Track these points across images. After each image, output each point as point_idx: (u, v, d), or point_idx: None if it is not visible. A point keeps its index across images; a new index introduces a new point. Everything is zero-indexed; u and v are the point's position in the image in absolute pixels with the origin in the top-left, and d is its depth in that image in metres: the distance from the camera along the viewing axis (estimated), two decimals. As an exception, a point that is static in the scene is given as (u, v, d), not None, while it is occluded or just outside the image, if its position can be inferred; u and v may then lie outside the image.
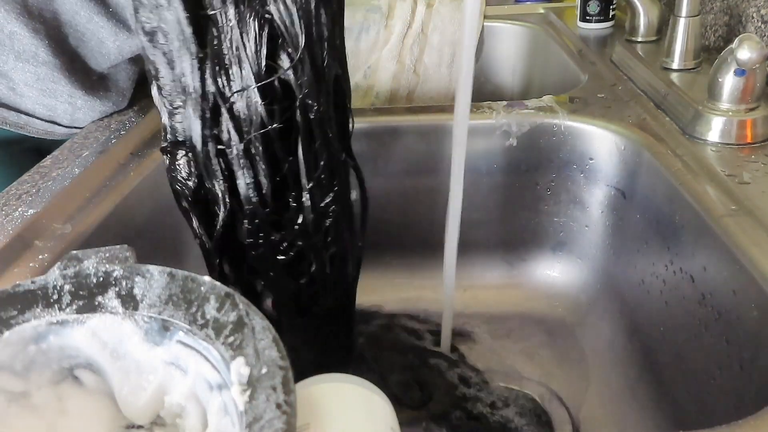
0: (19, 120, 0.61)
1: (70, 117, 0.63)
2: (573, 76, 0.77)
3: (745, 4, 0.63)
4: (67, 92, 0.61)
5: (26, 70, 0.59)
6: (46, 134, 0.63)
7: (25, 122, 0.62)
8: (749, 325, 0.41)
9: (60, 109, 0.62)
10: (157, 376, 0.32)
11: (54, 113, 0.62)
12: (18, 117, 0.61)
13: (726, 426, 0.31)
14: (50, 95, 0.61)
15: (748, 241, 0.42)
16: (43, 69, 0.59)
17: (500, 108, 0.64)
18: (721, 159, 0.52)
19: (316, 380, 0.33)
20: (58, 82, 0.60)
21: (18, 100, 0.61)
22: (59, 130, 0.64)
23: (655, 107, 0.62)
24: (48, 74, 0.60)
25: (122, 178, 0.56)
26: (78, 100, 0.63)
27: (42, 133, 0.63)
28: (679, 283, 0.50)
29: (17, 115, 0.61)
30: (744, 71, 0.52)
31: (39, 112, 0.62)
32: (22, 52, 0.58)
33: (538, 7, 1.00)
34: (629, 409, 0.55)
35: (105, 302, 0.32)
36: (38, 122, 0.62)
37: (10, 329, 0.31)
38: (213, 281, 0.32)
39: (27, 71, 0.59)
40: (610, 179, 0.61)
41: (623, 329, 0.60)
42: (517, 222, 0.68)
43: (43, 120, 0.62)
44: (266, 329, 0.29)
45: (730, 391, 0.43)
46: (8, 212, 0.50)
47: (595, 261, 0.65)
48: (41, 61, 0.59)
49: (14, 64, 0.58)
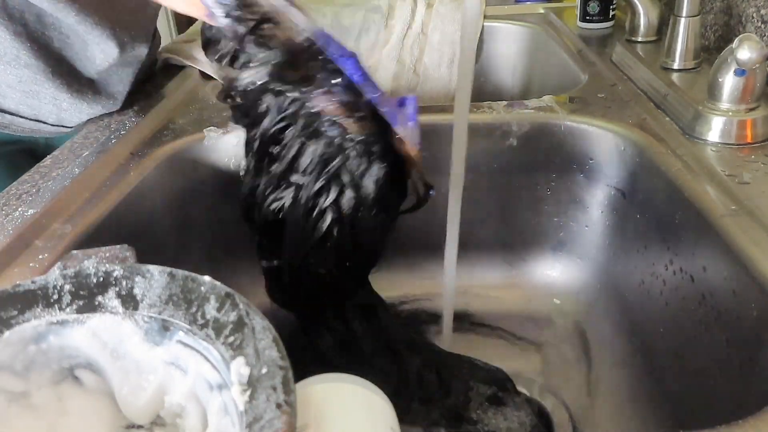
0: (3, 119, 0.61)
1: (55, 117, 0.63)
2: (573, 76, 0.77)
3: (745, 4, 0.63)
4: (51, 94, 0.61)
5: (8, 72, 0.59)
6: (32, 132, 0.63)
7: (9, 121, 0.61)
8: (749, 325, 0.41)
9: (45, 109, 0.62)
10: (157, 376, 0.32)
11: (39, 113, 0.62)
12: (2, 117, 0.61)
13: (726, 426, 0.31)
14: (33, 96, 0.61)
15: (748, 241, 0.42)
16: (25, 71, 0.59)
17: (500, 108, 0.64)
18: (721, 159, 0.52)
19: (316, 380, 0.33)
20: (41, 84, 0.60)
21: (1, 100, 0.60)
22: (45, 128, 0.63)
23: (655, 107, 0.62)
24: (30, 77, 0.59)
25: (122, 178, 0.56)
26: (63, 103, 0.62)
27: (28, 131, 0.63)
28: (679, 283, 0.50)
29: (1, 115, 0.61)
30: (744, 71, 0.52)
31: (23, 111, 0.61)
32: (3, 55, 0.58)
33: (538, 7, 1.00)
34: (629, 409, 0.55)
35: (105, 302, 0.32)
36: (23, 121, 0.62)
37: (10, 329, 0.31)
38: (213, 281, 0.32)
39: (9, 73, 0.59)
40: (610, 179, 0.61)
41: (623, 329, 0.60)
42: (517, 222, 0.68)
43: (28, 119, 0.62)
44: (266, 329, 0.29)
45: (730, 391, 0.43)
46: (8, 212, 0.50)
47: (595, 261, 0.65)
48: (23, 63, 0.59)
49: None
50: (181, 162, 0.62)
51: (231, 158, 0.63)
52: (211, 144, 0.63)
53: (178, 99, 0.71)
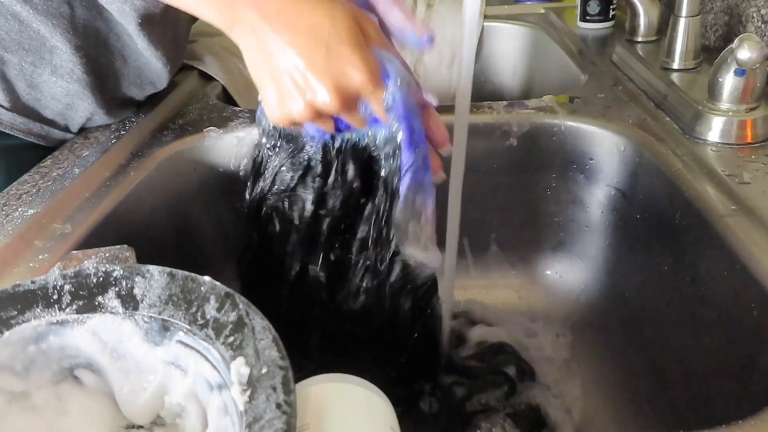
0: (42, 131, 0.61)
1: (80, 127, 0.64)
2: (573, 76, 0.77)
3: (745, 4, 0.63)
4: (89, 109, 0.62)
5: (59, 84, 0.59)
6: (58, 143, 0.63)
7: (47, 133, 0.62)
8: (749, 325, 0.41)
9: (76, 121, 0.63)
10: (157, 376, 0.32)
11: (70, 124, 0.63)
12: (41, 128, 0.61)
13: (726, 426, 0.31)
14: (72, 109, 0.61)
15: (748, 241, 0.42)
16: (75, 86, 0.59)
17: (500, 108, 0.64)
18: (721, 159, 0.52)
19: (316, 380, 0.33)
20: (85, 99, 0.60)
21: (41, 111, 0.61)
22: (69, 136, 0.64)
23: (655, 107, 0.62)
24: (78, 91, 0.60)
25: (122, 178, 0.56)
26: (96, 117, 0.63)
27: (57, 142, 0.63)
28: (679, 283, 0.50)
29: (41, 126, 0.61)
30: (744, 71, 0.52)
31: (58, 122, 0.62)
32: (59, 67, 0.58)
33: (538, 7, 1.00)
34: (629, 409, 0.55)
35: (105, 302, 0.32)
36: (57, 132, 0.63)
37: (10, 329, 0.31)
38: (213, 281, 0.32)
39: (59, 86, 0.59)
40: (610, 179, 0.61)
41: (623, 329, 0.60)
42: (517, 222, 0.68)
43: (60, 129, 0.63)
44: (266, 329, 0.29)
45: (730, 391, 0.43)
46: (8, 212, 0.50)
47: (595, 261, 0.65)
48: (75, 78, 0.59)
49: (48, 77, 0.58)
50: (181, 162, 0.62)
51: (231, 158, 0.63)
52: (211, 144, 0.63)
53: (178, 99, 0.71)
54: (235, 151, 0.63)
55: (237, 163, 0.63)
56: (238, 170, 0.64)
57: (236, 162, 0.63)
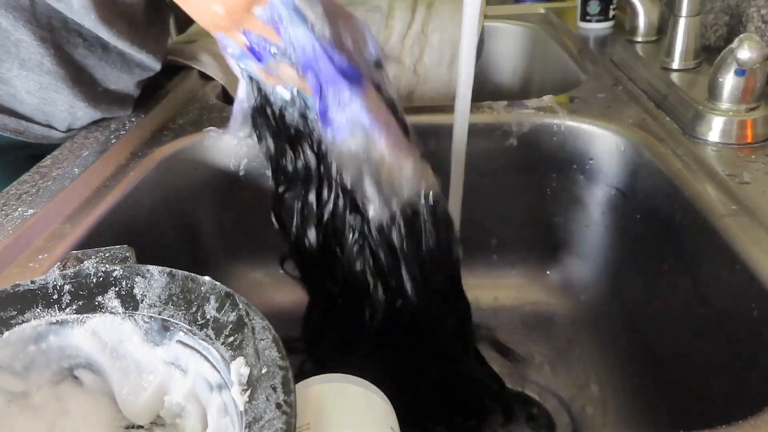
0: (19, 126, 0.61)
1: (67, 124, 0.63)
2: (573, 76, 0.77)
3: (746, 4, 0.63)
4: (68, 102, 0.61)
5: (30, 78, 0.58)
6: (43, 138, 0.63)
7: (24, 128, 0.61)
8: (749, 325, 0.41)
9: (58, 116, 0.62)
10: (157, 376, 0.32)
11: (52, 119, 0.62)
12: (18, 123, 0.61)
13: (726, 426, 0.31)
14: (50, 104, 0.60)
15: (748, 241, 0.42)
16: (47, 78, 0.59)
17: (500, 108, 0.64)
18: (721, 159, 0.52)
19: (316, 380, 0.33)
20: (60, 92, 0.60)
21: (18, 106, 0.60)
22: (55, 134, 0.63)
23: (655, 107, 0.62)
24: (51, 83, 0.59)
25: (122, 178, 0.56)
26: (78, 111, 0.62)
27: (39, 138, 0.62)
28: (679, 283, 0.50)
29: (17, 121, 0.61)
30: (744, 71, 0.52)
31: (37, 117, 0.61)
32: (27, 60, 0.57)
33: (538, 7, 1.00)
34: (629, 409, 0.55)
35: (105, 302, 0.32)
36: (37, 127, 0.62)
37: (10, 329, 0.31)
38: (213, 281, 0.32)
39: (30, 79, 0.58)
40: (610, 179, 0.61)
41: (623, 329, 0.60)
42: (517, 222, 0.68)
43: (41, 125, 0.62)
44: (266, 329, 0.29)
45: (730, 391, 0.43)
46: (8, 212, 0.50)
47: (595, 261, 0.65)
48: (45, 70, 0.58)
49: (18, 71, 0.58)
50: (181, 162, 0.62)
51: (231, 158, 0.63)
52: (211, 144, 0.63)
53: (178, 99, 0.71)
54: (235, 151, 0.63)
55: (237, 163, 0.63)
56: (238, 170, 0.64)
57: (236, 162, 0.63)
